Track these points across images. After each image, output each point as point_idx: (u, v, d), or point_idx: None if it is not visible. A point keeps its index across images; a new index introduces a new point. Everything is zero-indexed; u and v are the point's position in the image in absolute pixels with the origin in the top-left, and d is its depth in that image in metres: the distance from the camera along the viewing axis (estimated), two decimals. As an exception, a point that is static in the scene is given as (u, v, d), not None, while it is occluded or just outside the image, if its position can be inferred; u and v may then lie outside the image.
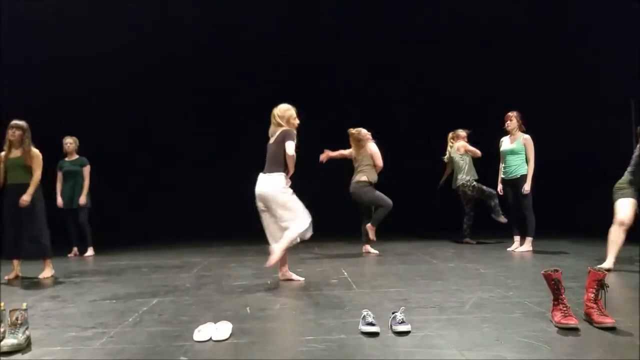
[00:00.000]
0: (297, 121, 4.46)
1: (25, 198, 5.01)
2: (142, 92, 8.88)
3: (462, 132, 7.04)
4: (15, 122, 5.14)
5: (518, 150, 6.07)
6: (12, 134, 5.10)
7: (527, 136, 6.10)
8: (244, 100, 9.41)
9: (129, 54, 8.60)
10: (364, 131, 6.21)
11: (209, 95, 9.37)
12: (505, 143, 6.23)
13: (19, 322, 2.74)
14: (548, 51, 8.39)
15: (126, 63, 8.67)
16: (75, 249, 6.99)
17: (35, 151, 5.16)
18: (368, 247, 6.26)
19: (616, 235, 4.52)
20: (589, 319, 2.87)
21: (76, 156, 7.00)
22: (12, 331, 2.71)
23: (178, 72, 9.07)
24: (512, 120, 6.12)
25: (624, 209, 4.53)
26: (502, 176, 6.25)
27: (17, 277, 5.12)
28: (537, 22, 8.25)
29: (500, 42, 8.63)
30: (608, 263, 4.49)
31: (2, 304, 2.85)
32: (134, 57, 8.67)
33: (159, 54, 8.73)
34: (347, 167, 6.36)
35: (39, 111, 7.49)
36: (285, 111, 4.42)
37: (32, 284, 4.84)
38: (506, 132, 6.23)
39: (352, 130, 6.23)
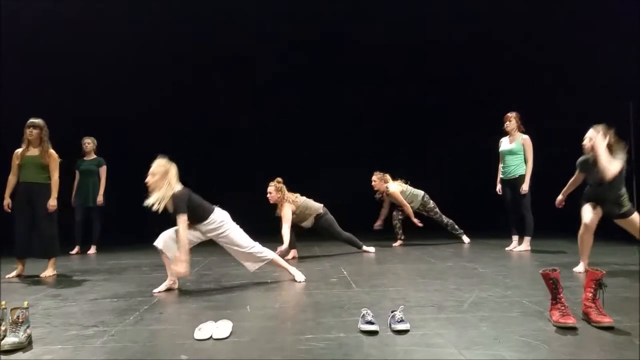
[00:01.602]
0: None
1: (52, 203, 5.09)
2: (144, 92, 8.87)
3: (378, 175, 6.99)
4: (32, 120, 5.15)
5: (517, 150, 6.09)
6: (29, 133, 5.11)
7: (526, 136, 6.12)
8: (243, 101, 9.44)
9: (129, 53, 8.61)
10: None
11: (208, 95, 9.37)
12: (505, 143, 6.25)
13: (20, 320, 2.76)
14: (546, 52, 8.39)
15: (127, 61, 8.67)
16: (77, 247, 7.02)
17: (54, 154, 5.18)
18: (364, 248, 6.35)
19: None
20: (587, 319, 2.89)
21: (94, 156, 7.11)
22: (13, 329, 2.72)
23: (179, 71, 9.07)
24: (512, 120, 6.15)
25: None
26: (501, 176, 6.27)
27: (19, 275, 5.14)
28: (536, 21, 8.25)
29: (500, 42, 8.63)
30: None
31: (4, 302, 2.87)
32: (133, 56, 8.67)
33: (159, 52, 8.74)
34: (347, 167, 6.38)
35: (53, 111, 7.59)
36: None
37: (33, 282, 4.86)
38: (505, 133, 6.25)
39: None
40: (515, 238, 6.25)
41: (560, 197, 5.00)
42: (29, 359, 2.58)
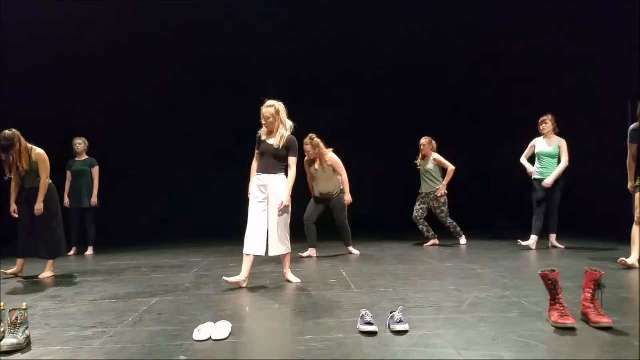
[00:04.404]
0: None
1: (38, 207, 5.04)
2: (141, 91, 8.87)
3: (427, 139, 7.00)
4: (2, 143, 4.87)
5: (555, 153, 6.23)
6: (8, 157, 4.94)
7: (563, 139, 6.26)
8: (243, 101, 9.43)
9: (128, 51, 8.62)
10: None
11: (208, 96, 9.36)
12: (542, 144, 6.30)
13: (19, 321, 2.76)
14: (544, 53, 8.40)
15: (126, 60, 8.67)
16: (74, 249, 7.00)
17: (41, 155, 5.06)
18: (350, 249, 6.36)
19: None
20: (585, 319, 2.90)
21: (85, 156, 7.06)
22: (12, 331, 2.73)
23: (179, 70, 9.07)
24: (548, 123, 6.24)
25: None
26: (539, 177, 6.28)
27: (15, 275, 5.13)
28: (534, 19, 8.25)
29: (498, 43, 8.65)
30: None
31: (2, 303, 2.87)
32: (132, 55, 8.68)
33: (159, 51, 8.75)
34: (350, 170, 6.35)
35: (45, 113, 7.59)
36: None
37: (32, 283, 4.86)
38: (539, 134, 6.33)
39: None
40: (534, 238, 6.26)
41: (630, 184, 4.94)
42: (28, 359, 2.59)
